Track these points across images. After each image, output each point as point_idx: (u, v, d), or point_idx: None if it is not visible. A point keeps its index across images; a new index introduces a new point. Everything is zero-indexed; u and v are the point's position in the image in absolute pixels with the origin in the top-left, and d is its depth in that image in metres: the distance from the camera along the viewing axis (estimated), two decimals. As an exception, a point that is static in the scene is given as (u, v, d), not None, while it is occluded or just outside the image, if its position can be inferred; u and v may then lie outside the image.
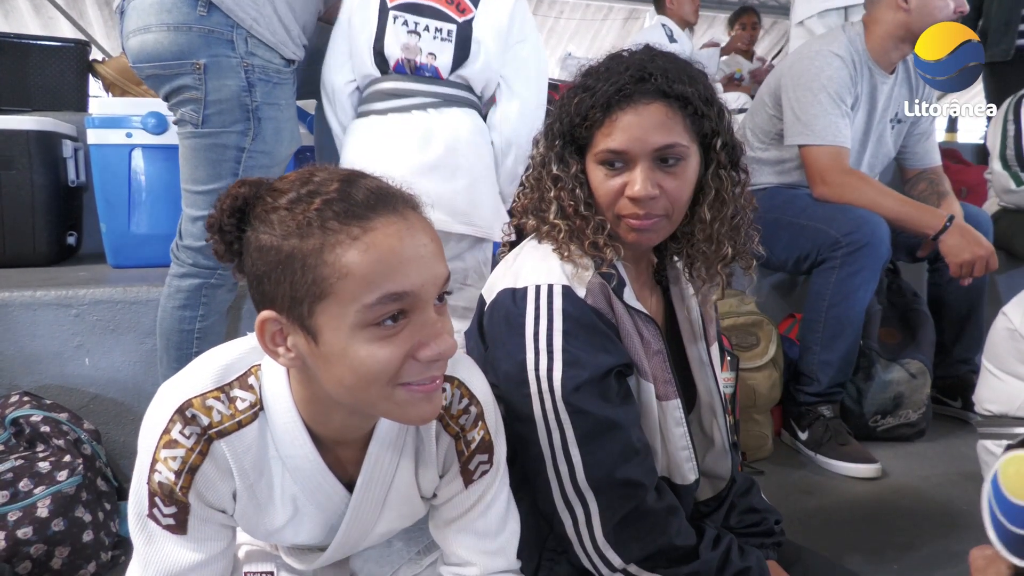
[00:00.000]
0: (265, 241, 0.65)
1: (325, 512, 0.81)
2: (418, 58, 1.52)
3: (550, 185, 0.97)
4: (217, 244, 0.69)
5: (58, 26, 6.02)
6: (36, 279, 1.76)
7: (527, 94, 1.59)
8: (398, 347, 0.65)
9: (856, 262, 1.77)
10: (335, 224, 0.63)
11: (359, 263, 0.62)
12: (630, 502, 0.91)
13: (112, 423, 1.62)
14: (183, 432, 0.69)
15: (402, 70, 1.53)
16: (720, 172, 0.96)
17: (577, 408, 0.89)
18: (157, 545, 0.72)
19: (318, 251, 0.63)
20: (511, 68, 1.58)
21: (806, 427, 1.88)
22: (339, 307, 0.63)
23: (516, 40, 1.57)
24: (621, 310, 0.95)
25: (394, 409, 0.68)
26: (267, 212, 0.66)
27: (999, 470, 0.77)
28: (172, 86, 1.39)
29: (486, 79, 1.57)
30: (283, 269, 0.64)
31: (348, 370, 0.64)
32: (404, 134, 1.51)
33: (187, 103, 1.39)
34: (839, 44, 1.92)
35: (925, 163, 2.17)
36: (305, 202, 0.64)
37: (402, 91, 1.53)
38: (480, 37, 1.52)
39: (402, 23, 1.51)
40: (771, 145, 2.08)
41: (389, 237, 0.64)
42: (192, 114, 1.39)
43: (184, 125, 1.42)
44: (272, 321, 0.66)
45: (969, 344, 2.10)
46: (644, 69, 0.90)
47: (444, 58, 1.52)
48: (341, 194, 0.64)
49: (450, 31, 1.51)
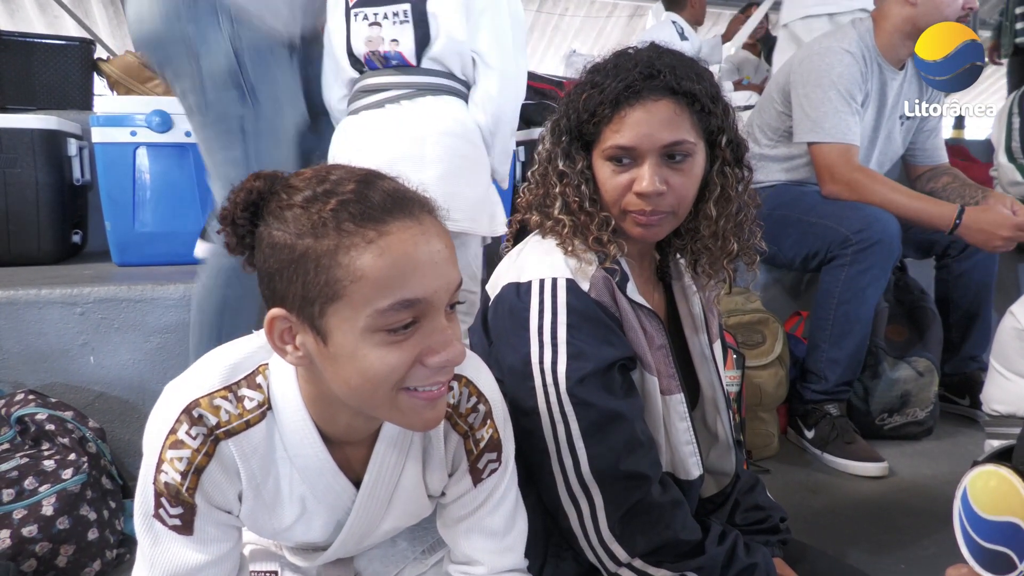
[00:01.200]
0: (278, 238, 0.64)
1: (333, 511, 0.80)
2: (381, 48, 1.49)
3: (555, 181, 0.97)
4: (229, 237, 0.69)
5: (63, 24, 6.03)
6: (41, 277, 1.76)
7: (503, 65, 1.50)
8: (407, 352, 0.64)
9: (866, 260, 1.76)
10: (350, 225, 0.62)
11: (373, 267, 0.61)
12: (635, 495, 0.91)
13: (117, 421, 1.62)
14: (189, 433, 0.69)
15: (372, 64, 1.51)
16: (725, 169, 0.97)
17: (581, 400, 0.89)
18: (163, 545, 0.72)
19: (332, 252, 0.62)
20: (482, 39, 1.49)
21: (812, 425, 1.87)
22: (351, 310, 0.62)
23: (480, 8, 1.48)
24: (624, 304, 0.95)
25: (397, 414, 0.68)
26: (281, 209, 0.65)
27: (967, 486, 0.77)
28: (172, 70, 1.42)
29: (458, 56, 1.49)
30: (296, 268, 0.63)
31: (355, 372, 0.64)
32: (374, 129, 1.49)
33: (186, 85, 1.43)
34: (849, 40, 1.90)
35: (934, 160, 2.16)
36: (321, 201, 0.63)
37: (376, 86, 1.51)
38: (434, 11, 1.46)
39: (363, 18, 1.49)
40: (779, 142, 2.07)
41: (404, 242, 0.63)
42: (191, 96, 1.43)
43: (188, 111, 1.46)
44: (281, 319, 0.66)
45: (977, 341, 2.09)
46: (652, 66, 0.90)
47: (407, 42, 1.48)
48: (357, 195, 0.64)
49: (406, 11, 1.46)
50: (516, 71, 1.53)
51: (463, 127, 1.49)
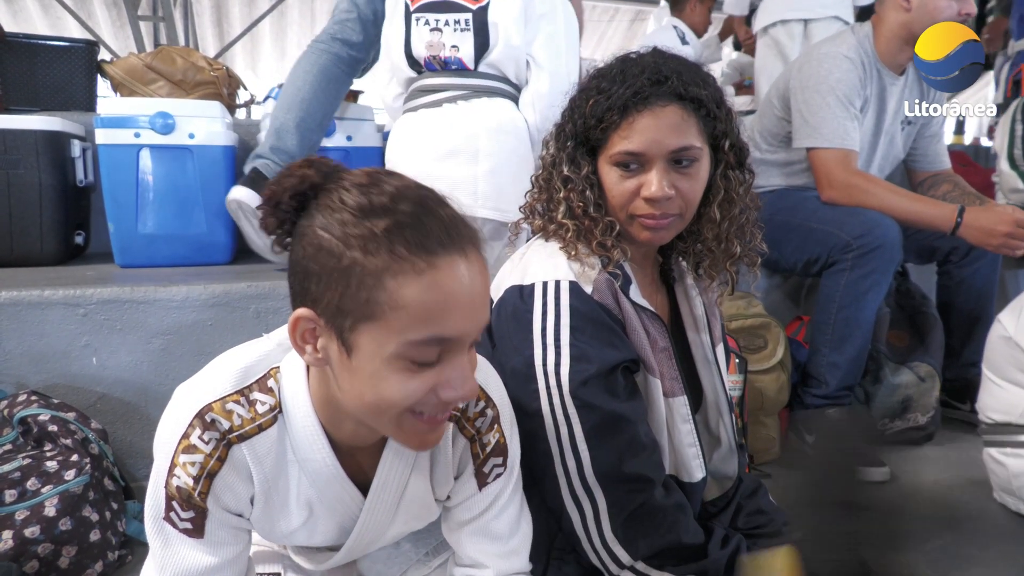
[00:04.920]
0: (325, 241, 0.63)
1: (340, 516, 0.80)
2: (442, 53, 1.56)
3: (560, 186, 0.97)
4: (268, 217, 0.67)
5: (65, 26, 6.03)
6: (44, 278, 1.76)
7: (555, 67, 1.58)
8: (425, 382, 0.65)
9: (867, 264, 1.76)
10: (403, 251, 0.61)
11: (417, 300, 0.61)
12: (638, 497, 0.91)
13: (119, 422, 1.62)
14: (202, 437, 0.69)
15: (432, 67, 1.59)
16: (728, 172, 0.98)
17: (584, 402, 0.89)
18: (173, 548, 0.72)
19: (379, 273, 0.61)
20: (538, 44, 1.57)
21: (813, 430, 1.87)
22: (384, 334, 0.62)
23: (539, 14, 1.56)
24: (628, 307, 0.96)
25: (398, 433, 0.69)
26: (332, 210, 0.64)
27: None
28: None
29: (514, 61, 1.57)
30: (337, 277, 0.62)
31: (372, 390, 0.64)
32: (431, 126, 1.56)
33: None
34: (848, 46, 1.91)
35: (936, 166, 2.16)
36: (377, 216, 0.62)
37: (434, 87, 1.59)
38: (496, 20, 1.53)
39: (424, 23, 1.56)
40: (779, 147, 2.07)
41: (451, 280, 0.63)
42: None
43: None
44: (308, 320, 0.65)
45: (978, 347, 2.07)
46: (659, 72, 0.90)
47: (466, 48, 1.55)
48: (414, 219, 0.62)
49: (467, 20, 1.53)
50: (567, 73, 1.61)
51: (514, 125, 1.58)
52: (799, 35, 2.93)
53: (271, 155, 1.89)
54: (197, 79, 2.42)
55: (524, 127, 1.60)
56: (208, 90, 2.43)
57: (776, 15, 2.95)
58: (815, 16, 2.83)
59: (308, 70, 1.94)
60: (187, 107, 2.05)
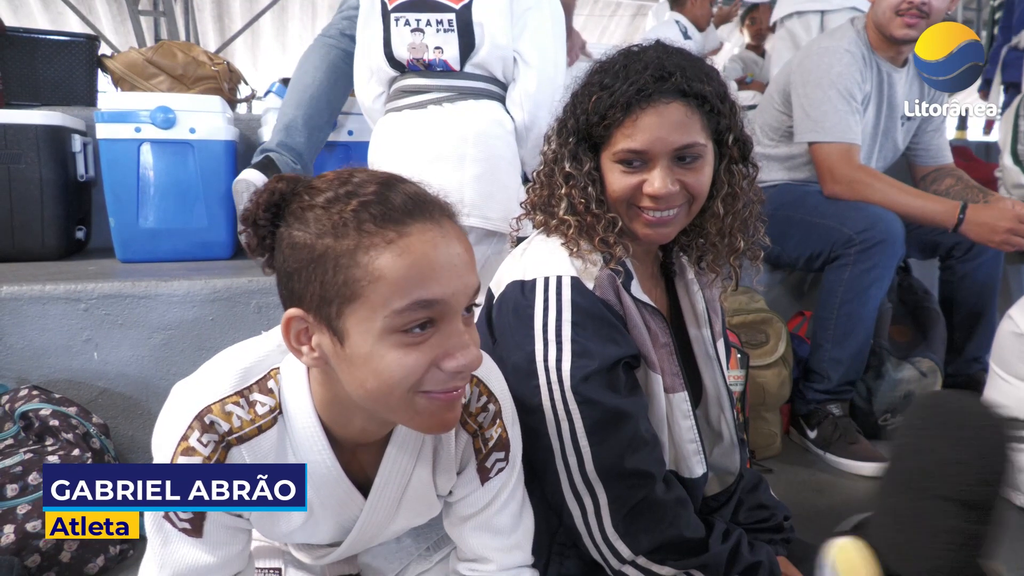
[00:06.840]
0: (298, 238, 0.64)
1: (339, 515, 0.80)
2: (425, 55, 1.49)
3: (561, 182, 0.97)
4: (250, 238, 0.69)
5: (66, 21, 6.03)
6: (45, 273, 1.76)
7: (542, 63, 1.52)
8: (424, 355, 0.64)
9: (870, 259, 1.76)
10: (371, 226, 0.62)
11: (392, 267, 0.62)
12: (639, 492, 0.91)
13: (121, 417, 1.62)
14: (201, 440, 0.69)
15: (414, 67, 1.53)
16: (732, 167, 0.98)
17: (585, 398, 0.89)
18: (173, 547, 0.72)
19: (351, 252, 0.62)
20: (525, 39, 1.51)
21: (815, 425, 1.86)
22: (368, 311, 0.62)
23: (524, 8, 1.49)
24: (629, 302, 0.95)
25: (414, 417, 0.68)
26: (303, 209, 0.65)
27: (835, 560, 0.85)
28: None
29: (501, 61, 1.51)
30: (314, 268, 0.63)
31: (372, 374, 0.64)
32: (417, 128, 1.50)
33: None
34: (849, 40, 1.90)
35: (939, 160, 2.15)
36: (342, 202, 0.64)
37: (418, 87, 1.52)
38: (481, 20, 1.46)
39: (404, 23, 1.49)
40: (780, 142, 2.07)
41: (424, 244, 0.63)
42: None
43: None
44: (298, 319, 0.66)
45: (981, 343, 2.08)
46: (663, 67, 0.89)
47: (451, 50, 1.49)
48: (379, 197, 0.64)
49: (450, 20, 1.47)
50: (555, 70, 1.56)
51: (501, 128, 1.52)
52: (816, 27, 2.88)
53: (280, 150, 1.89)
54: (198, 74, 2.42)
55: (511, 129, 1.54)
56: (209, 85, 2.42)
57: (793, 6, 2.90)
58: (832, 7, 2.78)
59: (317, 66, 1.92)
60: (188, 102, 2.05)
